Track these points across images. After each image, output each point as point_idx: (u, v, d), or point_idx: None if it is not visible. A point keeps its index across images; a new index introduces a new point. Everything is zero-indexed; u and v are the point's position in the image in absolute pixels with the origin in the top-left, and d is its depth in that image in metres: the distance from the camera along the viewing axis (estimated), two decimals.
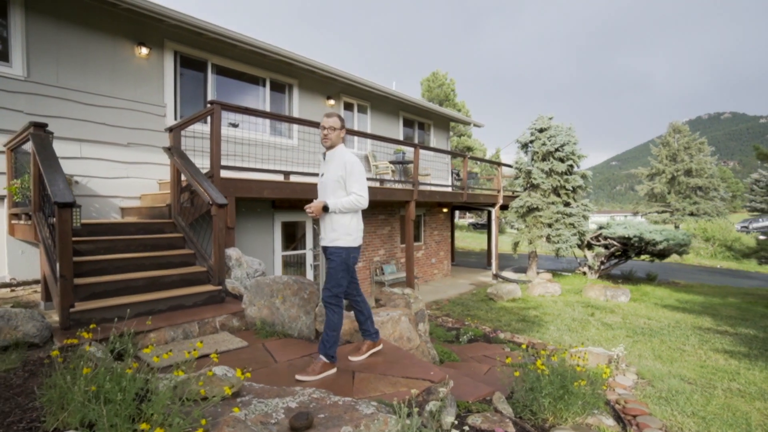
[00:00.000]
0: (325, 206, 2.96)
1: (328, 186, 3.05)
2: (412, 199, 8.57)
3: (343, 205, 2.98)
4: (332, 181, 3.03)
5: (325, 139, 3.03)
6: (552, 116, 13.00)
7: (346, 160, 3.01)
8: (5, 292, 4.69)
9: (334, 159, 3.06)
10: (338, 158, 3.03)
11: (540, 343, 6.61)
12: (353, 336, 3.78)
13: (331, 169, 3.04)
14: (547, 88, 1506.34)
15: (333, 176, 3.02)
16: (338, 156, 3.04)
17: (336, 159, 3.04)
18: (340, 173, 2.99)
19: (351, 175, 2.99)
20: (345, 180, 2.99)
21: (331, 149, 3.07)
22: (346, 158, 3.03)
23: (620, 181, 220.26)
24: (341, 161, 3.01)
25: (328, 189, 3.06)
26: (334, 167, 3.03)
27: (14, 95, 5.14)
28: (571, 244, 12.11)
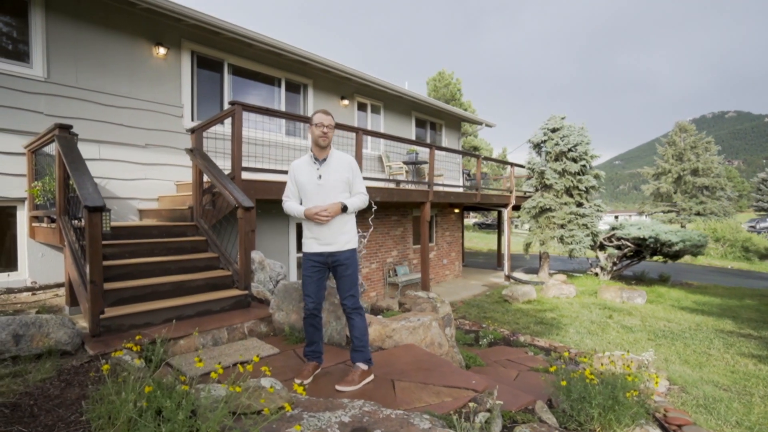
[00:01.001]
0: (344, 207, 2.84)
1: (333, 188, 2.87)
2: (428, 200, 8.48)
3: (357, 206, 2.93)
4: (339, 183, 2.89)
5: (323, 137, 2.84)
6: (564, 116, 12.89)
7: (350, 161, 2.96)
8: (27, 296, 4.63)
9: (334, 161, 2.90)
10: (339, 159, 2.93)
11: (561, 347, 6.51)
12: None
13: (334, 170, 2.89)
14: (550, 87, 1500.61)
15: (339, 178, 2.89)
16: (338, 157, 2.94)
17: (337, 160, 2.92)
18: (347, 175, 2.91)
19: (357, 175, 2.97)
20: (352, 181, 2.94)
21: (325, 149, 2.90)
22: (349, 159, 2.98)
23: (623, 180, 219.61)
24: (345, 162, 2.93)
25: (331, 191, 2.87)
26: (340, 169, 2.89)
27: (34, 96, 5.08)
28: (584, 245, 12.00)
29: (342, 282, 2.95)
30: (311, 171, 2.88)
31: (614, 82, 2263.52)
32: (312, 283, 2.92)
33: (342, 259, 2.90)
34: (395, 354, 3.49)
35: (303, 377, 2.89)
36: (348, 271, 2.92)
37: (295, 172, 2.94)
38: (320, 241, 2.88)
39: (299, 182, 2.91)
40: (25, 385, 2.52)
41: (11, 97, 4.93)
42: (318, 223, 2.84)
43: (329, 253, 2.89)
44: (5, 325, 2.90)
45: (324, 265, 2.92)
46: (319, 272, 2.93)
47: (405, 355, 3.48)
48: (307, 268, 2.93)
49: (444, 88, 29.22)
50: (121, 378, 1.97)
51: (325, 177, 2.85)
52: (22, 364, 2.78)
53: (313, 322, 2.98)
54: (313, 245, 2.90)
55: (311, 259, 2.91)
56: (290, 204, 2.94)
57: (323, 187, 2.85)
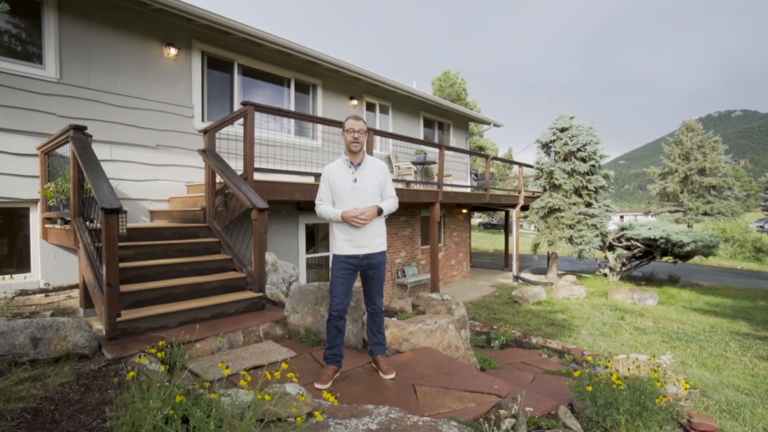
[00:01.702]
0: (380, 210, 2.93)
1: (367, 191, 2.95)
2: (437, 200, 8.42)
3: (390, 209, 3.05)
4: (373, 187, 2.98)
5: (355, 143, 2.92)
6: (573, 115, 12.79)
7: (383, 166, 3.07)
8: (40, 297, 4.61)
9: (368, 165, 3.01)
10: (373, 164, 3.03)
11: (575, 349, 6.44)
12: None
13: (369, 174, 2.98)
14: (553, 86, 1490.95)
15: (373, 182, 2.98)
16: (372, 162, 3.04)
17: (371, 165, 3.02)
18: (380, 179, 3.00)
19: (389, 179, 3.07)
20: (384, 185, 3.03)
21: (358, 153, 2.98)
22: (382, 164, 3.09)
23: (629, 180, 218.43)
24: (378, 167, 3.03)
25: (366, 194, 2.94)
26: (373, 173, 3.00)
27: (47, 97, 5.06)
28: (593, 246, 11.90)
29: (373, 283, 3.03)
30: (346, 175, 2.94)
31: (618, 81, 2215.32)
32: (341, 284, 2.94)
33: (374, 262, 2.97)
34: (414, 358, 3.44)
35: (323, 381, 2.86)
36: (379, 273, 3.01)
37: (330, 176, 2.97)
38: (354, 243, 2.92)
39: (333, 185, 2.95)
40: (45, 390, 2.50)
41: (24, 99, 4.92)
42: (353, 226, 2.88)
43: (363, 256, 2.94)
44: (23, 329, 2.88)
45: (356, 267, 2.96)
46: (350, 274, 2.97)
47: (424, 358, 3.43)
48: (338, 270, 2.95)
49: (449, 87, 29.13)
50: (145, 385, 1.94)
51: (360, 181, 2.92)
52: (41, 367, 2.75)
53: (338, 324, 2.99)
54: (347, 247, 2.93)
55: (344, 261, 2.94)
56: (325, 207, 2.97)
57: (358, 190, 2.91)
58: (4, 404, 2.29)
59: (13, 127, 4.84)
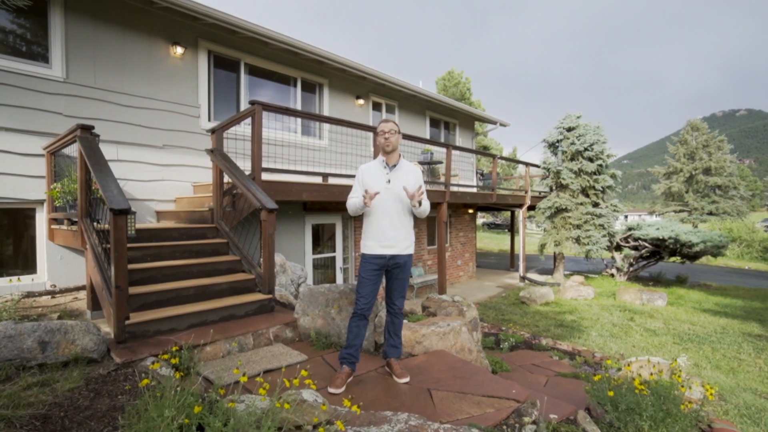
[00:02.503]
0: (420, 201, 2.95)
1: (400, 194, 2.97)
2: (444, 200, 8.34)
3: (426, 209, 3.05)
4: (408, 189, 2.99)
5: (387, 143, 2.96)
6: (580, 115, 12.68)
7: (417, 171, 3.10)
8: (46, 299, 4.57)
9: (403, 168, 3.05)
10: (408, 168, 3.06)
11: (586, 350, 6.35)
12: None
13: (403, 178, 3.01)
14: (555, 86, 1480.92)
15: (407, 185, 2.97)
16: (407, 166, 3.07)
17: (405, 168, 3.05)
18: (414, 183, 3.00)
19: (422, 184, 3.05)
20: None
21: (392, 154, 3.02)
22: (417, 169, 3.11)
23: (632, 179, 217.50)
24: (413, 172, 3.06)
25: (402, 197, 2.96)
26: (408, 176, 3.04)
27: (53, 97, 5.02)
28: (601, 246, 11.79)
29: (396, 284, 3.04)
30: (381, 175, 2.98)
31: (621, 80, 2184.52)
32: (368, 284, 2.95)
33: (401, 263, 2.99)
34: (428, 361, 3.37)
35: (336, 386, 2.80)
36: (404, 274, 3.03)
37: (364, 174, 3.01)
38: (382, 243, 2.94)
39: (367, 184, 2.98)
40: (54, 395, 2.44)
41: (31, 98, 4.88)
42: (383, 226, 2.92)
43: (391, 256, 2.96)
44: (31, 332, 2.82)
45: (383, 267, 2.98)
46: (378, 275, 2.98)
47: (438, 362, 3.36)
48: (366, 270, 2.97)
49: (453, 87, 29.02)
50: (158, 392, 1.87)
51: (393, 182, 2.95)
52: (49, 372, 2.70)
53: (360, 323, 2.98)
54: (375, 247, 2.95)
55: (371, 261, 2.96)
56: (357, 199, 2.95)
57: (391, 191, 2.94)
58: (13, 411, 2.23)
59: (19, 127, 4.80)
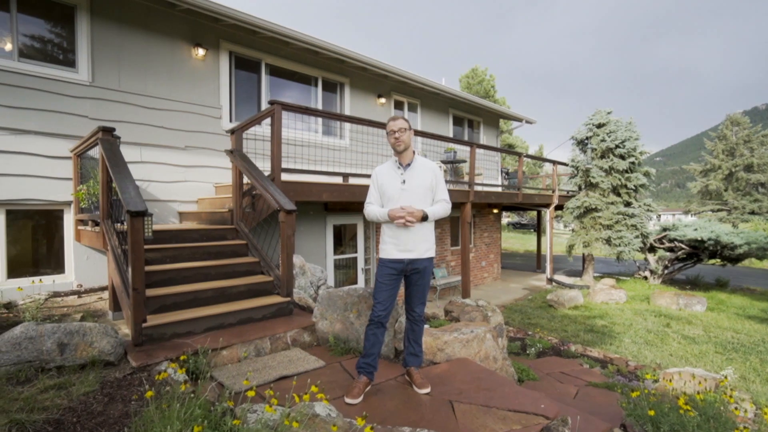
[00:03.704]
0: (425, 215, 2.76)
1: (416, 193, 2.83)
2: (468, 200, 8.13)
3: (439, 214, 2.88)
4: (422, 188, 2.85)
5: (398, 142, 2.81)
6: (611, 110, 12.18)
7: (434, 167, 2.92)
8: (73, 299, 4.64)
9: (418, 166, 2.89)
10: (423, 165, 2.90)
11: (618, 358, 6.03)
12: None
13: (418, 176, 2.85)
14: (583, 81, 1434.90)
15: (423, 183, 2.84)
16: (422, 163, 2.91)
17: (420, 165, 2.89)
18: (430, 180, 2.86)
19: (440, 182, 2.92)
20: (435, 187, 2.89)
21: (405, 153, 2.87)
22: (432, 165, 2.94)
23: (666, 177, 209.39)
24: (429, 168, 2.89)
25: (415, 197, 2.82)
26: (423, 174, 2.87)
27: (80, 100, 5.11)
28: (633, 247, 11.28)
29: (416, 289, 2.89)
30: (395, 176, 2.85)
31: (654, 73, 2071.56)
32: (386, 290, 2.81)
33: (420, 267, 2.82)
34: (450, 370, 3.21)
35: (353, 396, 2.67)
36: (424, 279, 2.87)
37: (379, 177, 2.90)
38: (400, 247, 2.79)
39: (382, 187, 2.86)
40: (68, 399, 2.42)
41: (58, 102, 4.98)
42: (400, 229, 2.75)
43: (409, 260, 2.80)
44: (50, 333, 2.83)
45: (401, 272, 2.83)
46: (395, 280, 2.83)
47: (460, 371, 3.19)
48: (382, 275, 2.82)
49: (477, 85, 28.55)
50: (165, 403, 1.80)
51: (408, 182, 2.81)
52: (66, 375, 2.69)
53: (377, 331, 2.84)
54: (393, 251, 2.81)
55: (389, 265, 2.81)
56: (373, 207, 2.88)
57: (407, 191, 2.80)
58: (28, 415, 2.21)
59: (48, 131, 4.91)
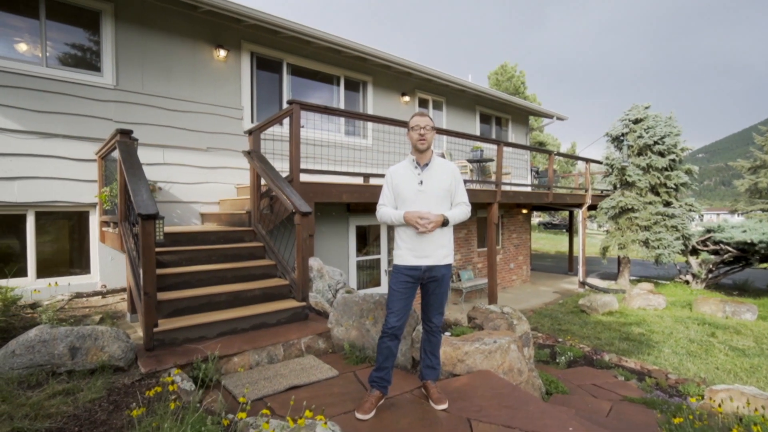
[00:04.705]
0: (445, 220, 2.57)
1: (434, 195, 2.64)
2: (495, 200, 7.83)
3: (458, 218, 2.68)
4: (441, 190, 2.65)
5: (422, 140, 2.62)
6: (649, 105, 11.52)
7: (453, 168, 2.76)
8: (96, 299, 4.71)
9: (436, 166, 2.70)
10: (442, 166, 2.73)
11: (657, 370, 5.62)
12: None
13: (437, 177, 2.66)
14: (618, 76, 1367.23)
15: (442, 185, 2.65)
16: (441, 164, 2.74)
17: (439, 166, 2.71)
18: (449, 182, 2.69)
19: (459, 184, 2.75)
20: (454, 190, 2.71)
21: (425, 152, 2.68)
22: (451, 166, 2.78)
23: (709, 175, 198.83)
24: (448, 169, 2.73)
25: (432, 198, 2.63)
26: (442, 175, 2.68)
27: (104, 104, 5.19)
28: (673, 250, 10.61)
29: (433, 298, 2.71)
30: (411, 176, 2.66)
31: (695, 66, 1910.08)
32: (400, 298, 2.62)
33: (438, 275, 2.64)
34: (470, 384, 3.00)
35: (364, 411, 2.51)
36: (441, 288, 2.69)
37: (393, 177, 2.71)
38: (416, 253, 2.60)
39: (397, 188, 2.67)
40: (74, 406, 2.38)
41: (84, 106, 5.07)
42: (416, 233, 2.56)
43: (426, 267, 2.60)
44: (63, 337, 2.82)
45: (417, 280, 2.64)
46: (411, 288, 2.64)
47: (481, 385, 2.98)
48: (397, 282, 2.63)
49: (507, 81, 27.87)
50: (156, 421, 1.70)
51: (426, 183, 2.63)
52: (76, 380, 2.66)
53: (390, 344, 2.64)
54: (408, 257, 2.61)
55: (404, 272, 2.62)
56: (386, 209, 2.69)
57: (424, 193, 2.61)
58: (31, 422, 2.18)
59: (74, 134, 5.01)
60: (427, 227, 2.50)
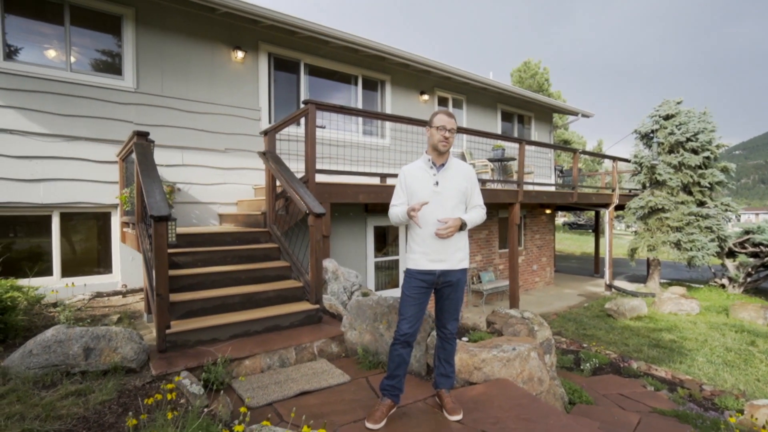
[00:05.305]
0: (463, 223, 2.48)
1: (450, 197, 2.53)
2: (517, 200, 7.61)
3: (475, 221, 2.59)
4: (457, 192, 2.54)
5: (445, 143, 2.50)
6: (681, 100, 11.01)
7: (469, 170, 2.66)
8: (117, 299, 4.79)
9: (453, 168, 2.59)
10: (459, 167, 2.63)
11: (690, 381, 5.32)
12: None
13: (453, 179, 2.55)
14: (649, 72, 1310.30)
15: (456, 186, 2.54)
16: (458, 165, 2.64)
17: (456, 168, 2.61)
18: (465, 184, 2.59)
19: (475, 186, 2.65)
20: (471, 192, 2.61)
21: (444, 154, 2.57)
22: (468, 168, 2.68)
23: (747, 172, 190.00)
24: (465, 171, 2.63)
25: (448, 200, 2.52)
26: (458, 177, 2.58)
27: (125, 106, 5.29)
28: (708, 252, 10.10)
29: (448, 303, 2.60)
30: (427, 176, 2.55)
31: (732, 60, 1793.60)
32: (413, 304, 2.52)
33: (453, 280, 2.54)
34: (487, 393, 2.87)
35: (375, 420, 2.42)
36: (457, 293, 2.58)
37: (407, 177, 2.59)
38: (431, 256, 2.49)
39: (411, 188, 2.56)
40: (85, 408, 2.38)
41: (106, 109, 5.18)
42: (431, 237, 2.47)
43: (441, 272, 2.50)
44: (78, 338, 2.84)
45: (431, 285, 2.53)
46: (424, 294, 2.54)
47: (499, 395, 2.85)
48: (410, 287, 2.52)
49: (530, 78, 27.28)
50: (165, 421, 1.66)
51: (442, 184, 2.52)
52: (89, 380, 2.68)
53: (402, 352, 2.54)
54: (422, 261, 2.50)
55: (418, 277, 2.51)
56: (399, 210, 2.58)
57: (439, 195, 2.51)
58: (41, 424, 2.19)
59: (96, 136, 5.11)
60: (446, 233, 2.41)
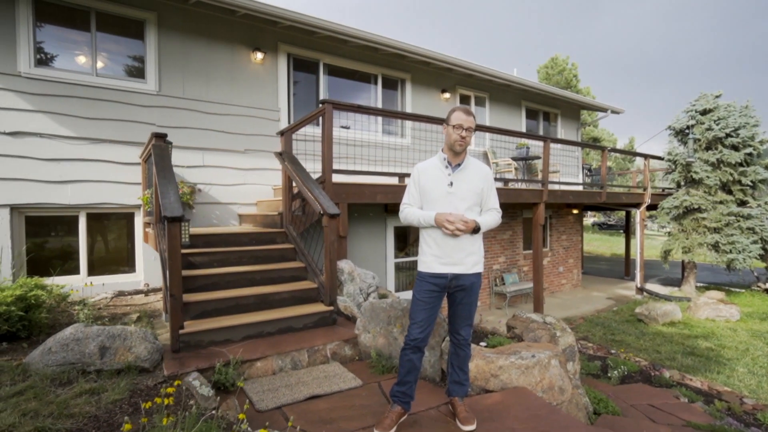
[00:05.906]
0: (477, 226, 2.38)
1: (464, 198, 2.43)
2: (542, 200, 7.37)
3: (489, 225, 2.49)
4: (471, 194, 2.44)
5: (462, 141, 2.39)
6: (720, 93, 10.43)
7: (486, 171, 2.56)
8: (139, 297, 4.89)
9: (469, 168, 2.48)
10: (475, 167, 2.52)
11: (729, 392, 4.99)
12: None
13: (469, 180, 2.45)
14: (683, 66, 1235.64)
15: (472, 187, 2.44)
16: (475, 165, 2.53)
17: (472, 168, 2.51)
18: (481, 185, 2.49)
19: (492, 188, 2.55)
20: (486, 194, 2.52)
21: (461, 154, 2.47)
22: (485, 169, 2.57)
23: None
24: (481, 172, 2.53)
25: (462, 201, 2.42)
26: (474, 178, 2.48)
27: (148, 109, 5.40)
28: (750, 254, 9.52)
29: (461, 309, 2.51)
30: (441, 176, 2.46)
31: None
32: (424, 309, 2.43)
33: (467, 284, 2.45)
34: (503, 403, 2.74)
35: (384, 428, 2.35)
36: (470, 297, 2.49)
37: (421, 176, 2.50)
38: (444, 259, 2.41)
39: (424, 187, 2.47)
40: (97, 407, 2.40)
41: (130, 112, 5.30)
42: (445, 237, 2.38)
43: (454, 275, 2.41)
44: (95, 336, 2.89)
45: (443, 289, 2.44)
46: (436, 298, 2.45)
47: (516, 404, 2.72)
48: (421, 291, 2.44)
49: (558, 75, 26.58)
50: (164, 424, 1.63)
51: (457, 185, 2.43)
52: (103, 379, 2.71)
53: (413, 357, 2.45)
54: (434, 264, 2.42)
55: (429, 280, 2.43)
56: (411, 210, 2.50)
57: (453, 195, 2.42)
58: (54, 421, 2.21)
59: (120, 139, 5.24)
60: (452, 230, 2.31)
